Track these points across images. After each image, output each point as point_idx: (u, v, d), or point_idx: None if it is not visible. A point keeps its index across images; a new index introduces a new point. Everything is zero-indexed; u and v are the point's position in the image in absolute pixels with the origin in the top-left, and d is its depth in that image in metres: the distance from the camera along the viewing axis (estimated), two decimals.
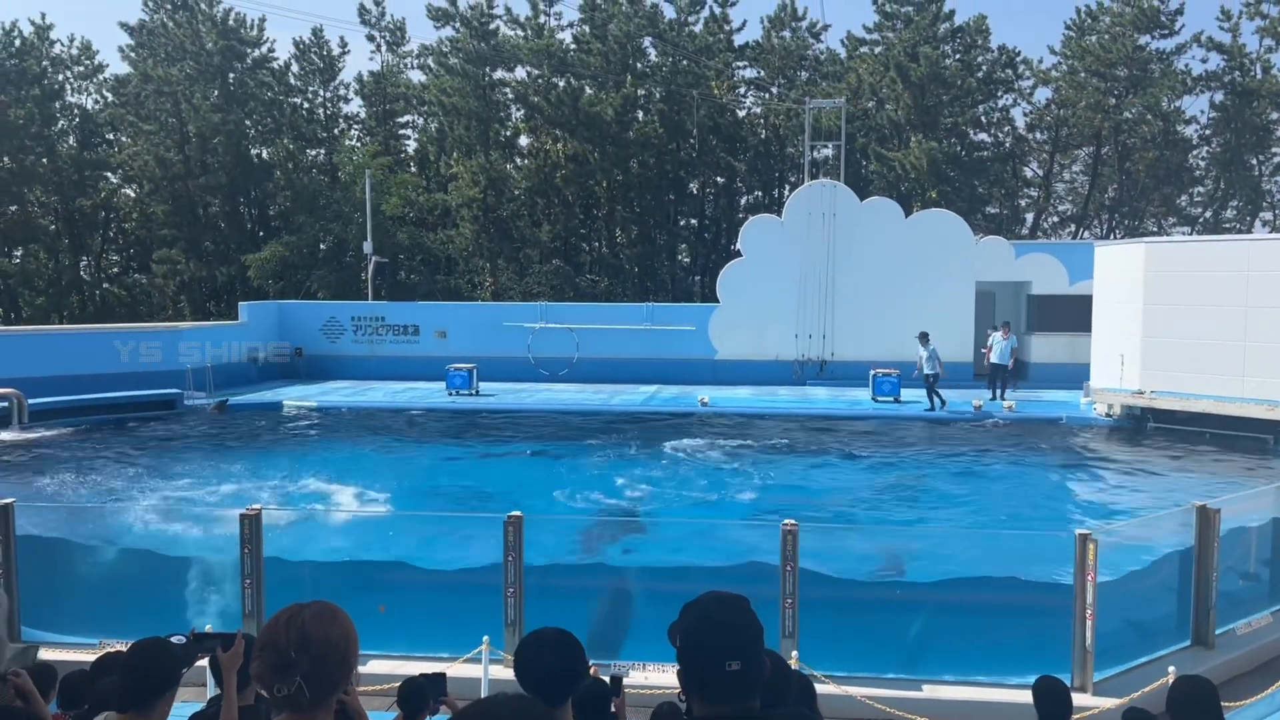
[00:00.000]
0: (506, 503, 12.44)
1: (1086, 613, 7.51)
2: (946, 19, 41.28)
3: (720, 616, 2.28)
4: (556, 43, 41.11)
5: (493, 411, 21.97)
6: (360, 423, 20.96)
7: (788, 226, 27.05)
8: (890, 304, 26.11)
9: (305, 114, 44.86)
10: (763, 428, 19.89)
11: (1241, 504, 9.96)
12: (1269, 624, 8.97)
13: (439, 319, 28.11)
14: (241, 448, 17.87)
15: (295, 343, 27.82)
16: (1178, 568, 8.60)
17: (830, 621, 7.96)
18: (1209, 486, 14.01)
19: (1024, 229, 43.68)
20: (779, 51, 42.82)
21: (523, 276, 39.89)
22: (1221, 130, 40.78)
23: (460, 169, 40.51)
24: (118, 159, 43.02)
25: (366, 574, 8.95)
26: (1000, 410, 21.06)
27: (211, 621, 7.77)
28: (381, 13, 45.35)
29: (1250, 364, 17.47)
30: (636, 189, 41.20)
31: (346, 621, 2.41)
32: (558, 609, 8.02)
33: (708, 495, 14.02)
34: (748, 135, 42.78)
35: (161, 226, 41.99)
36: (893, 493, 14.38)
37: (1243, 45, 40.33)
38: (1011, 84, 42.55)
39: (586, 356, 26.88)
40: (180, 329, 25.72)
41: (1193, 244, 22.28)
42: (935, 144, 38.03)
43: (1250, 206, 41.99)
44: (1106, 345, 20.34)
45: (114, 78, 43.77)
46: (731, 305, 26.92)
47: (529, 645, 2.77)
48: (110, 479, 14.86)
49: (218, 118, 40.08)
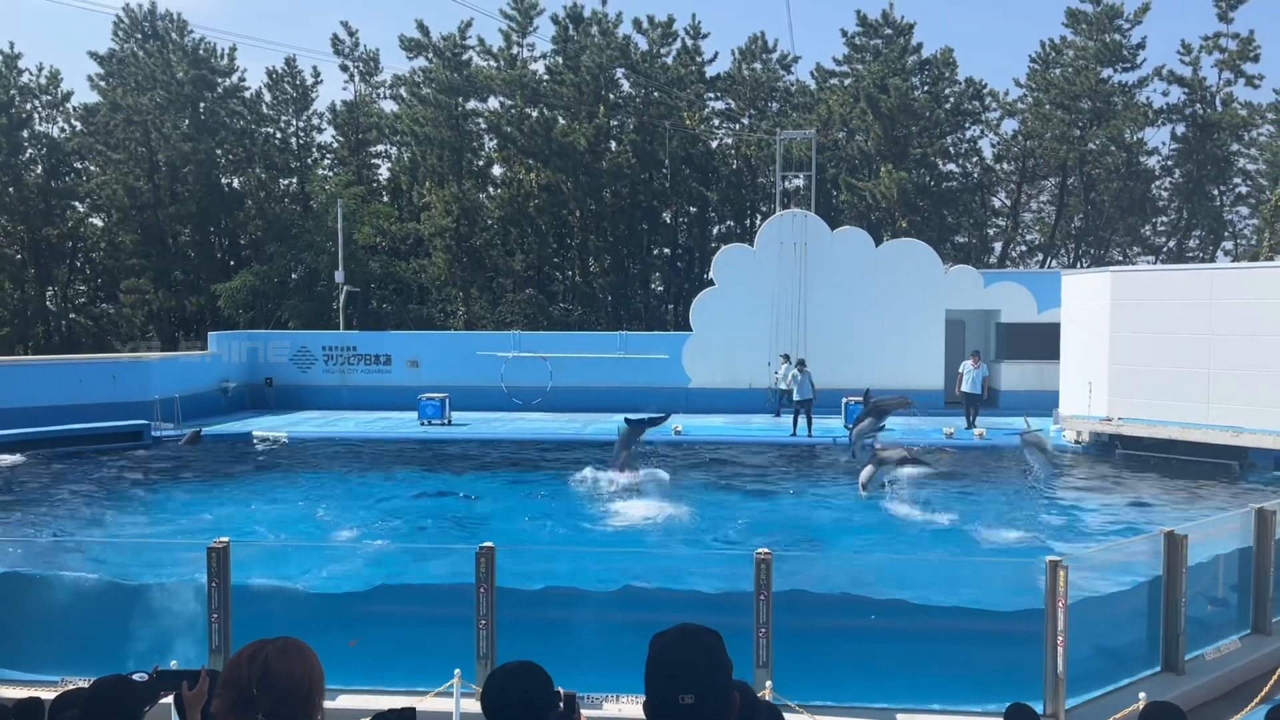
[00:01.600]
0: (480, 533, 12.35)
1: (1058, 639, 7.52)
2: (915, 51, 41.95)
3: (678, 649, 2.27)
4: (529, 73, 41.36)
5: (465, 441, 21.85)
6: (331, 453, 20.77)
7: (760, 256, 27.22)
8: (861, 333, 26.29)
9: (277, 143, 44.73)
10: (735, 456, 19.89)
11: (1209, 530, 10.06)
12: (1237, 649, 9.03)
13: (411, 348, 27.99)
14: (210, 479, 17.65)
15: (266, 373, 27.60)
16: (1147, 594, 8.65)
17: (805, 650, 7.94)
18: (1177, 513, 14.14)
19: (992, 258, 44.23)
20: (750, 83, 43.30)
21: (496, 305, 39.85)
22: (1183, 161, 41.59)
23: (433, 198, 40.52)
24: (85, 188, 42.67)
25: (337, 607, 8.83)
26: (972, 438, 21.21)
27: (177, 658, 7.63)
28: (355, 43, 45.51)
29: (1214, 391, 17.71)
30: (610, 218, 41.37)
31: (311, 657, 2.38)
32: (531, 641, 7.95)
33: (685, 524, 13.97)
34: (720, 165, 43.14)
35: (130, 256, 41.65)
36: (863, 519, 14.40)
37: (1203, 78, 41.25)
38: (979, 115, 43.24)
39: (560, 385, 26.83)
40: (148, 359, 25.44)
41: (1157, 273, 22.63)
42: (905, 174, 38.49)
43: (1213, 236, 42.76)
44: (1074, 373, 20.56)
45: (83, 106, 43.51)
46: (705, 334, 27.01)
47: (497, 678, 2.74)
48: (73, 512, 14.62)
49: (188, 147, 39.90)
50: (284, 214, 41.62)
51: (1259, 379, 17.13)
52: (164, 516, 14.39)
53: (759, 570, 7.66)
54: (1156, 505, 15.24)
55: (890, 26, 42.46)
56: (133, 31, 42.90)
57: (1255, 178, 43.32)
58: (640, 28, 42.90)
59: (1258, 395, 17.08)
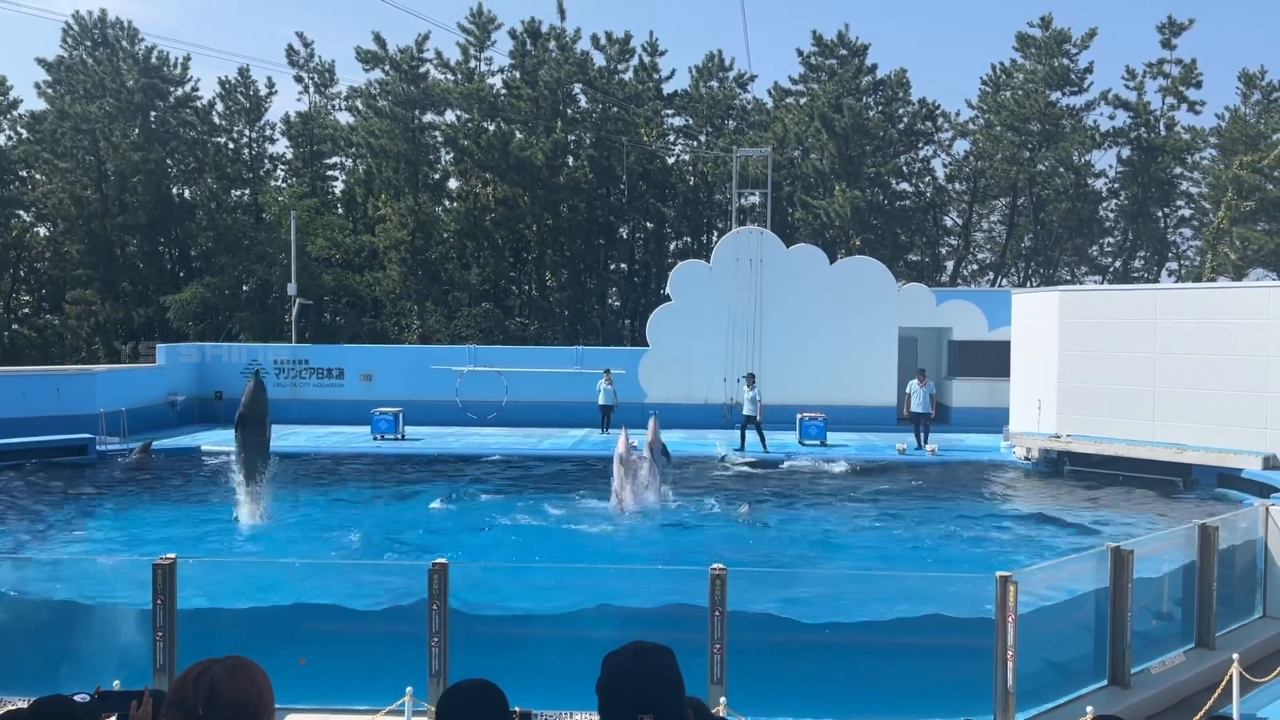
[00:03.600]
0: (432, 549, 12.22)
1: (1008, 654, 7.61)
2: (869, 72, 42.55)
3: (634, 668, 2.27)
4: (487, 87, 41.31)
5: (418, 456, 21.64)
6: (281, 468, 20.45)
7: (716, 272, 27.37)
8: (816, 349, 26.51)
9: (230, 154, 44.17)
10: (693, 472, 19.92)
11: (1154, 545, 10.25)
12: (1182, 662, 9.20)
13: (364, 362, 27.71)
14: (155, 494, 17.30)
15: (215, 386, 27.16)
16: (1094, 608, 8.78)
17: (760, 665, 7.95)
18: (1122, 528, 14.39)
19: (944, 276, 44.88)
20: (707, 100, 43.61)
21: (451, 319, 39.62)
22: (1129, 184, 42.57)
23: (388, 211, 40.25)
24: (31, 197, 41.83)
25: (287, 624, 8.69)
26: (925, 455, 21.45)
27: (120, 678, 7.46)
28: (310, 54, 45.17)
29: (1159, 409, 18.08)
30: (566, 233, 41.37)
31: (260, 676, 2.34)
32: (484, 658, 7.88)
33: (642, 541, 13.95)
34: (676, 182, 43.36)
35: (76, 266, 40.85)
36: (822, 536, 14.48)
37: (1147, 103, 42.29)
38: (931, 136, 43.93)
39: (516, 400, 26.72)
40: (94, 371, 24.92)
41: (1104, 293, 23.09)
42: (859, 193, 38.97)
43: (1157, 257, 43.76)
44: (1024, 390, 20.88)
45: (29, 114, 42.66)
46: (661, 349, 27.06)
47: (451, 696, 2.71)
48: (12, 527, 14.24)
49: (138, 156, 39.28)
50: (236, 225, 41.08)
51: (1202, 397, 17.51)
52: (107, 530, 14.07)
53: (714, 586, 7.66)
54: (1101, 520, 15.49)
55: (845, 47, 43.05)
56: (82, 39, 42.20)
57: (1198, 200, 44.45)
58: (598, 44, 43.12)
59: (1201, 413, 17.46)
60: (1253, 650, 9.53)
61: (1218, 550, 9.61)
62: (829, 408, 24.43)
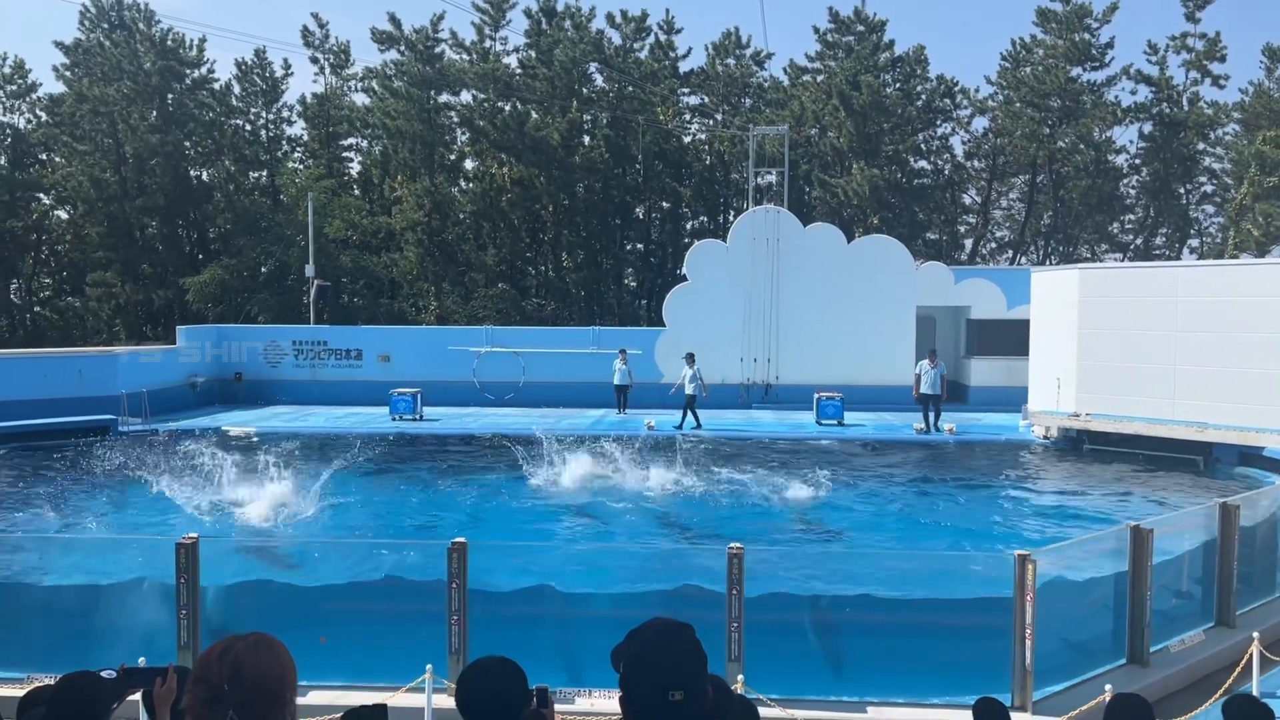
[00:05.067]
0: (451, 529, 12.30)
1: (1026, 632, 7.61)
2: (887, 49, 42.17)
3: (663, 645, 2.27)
4: (502, 67, 41.19)
5: (438, 435, 21.73)
6: (301, 448, 20.57)
7: (732, 252, 27.28)
8: (833, 328, 26.42)
9: (247, 136, 44.24)
10: (710, 451, 19.92)
11: (1174, 524, 10.21)
12: (1202, 641, 9.17)
13: (382, 343, 27.82)
14: (176, 474, 17.44)
15: (235, 368, 27.34)
16: (1113, 587, 8.76)
17: (777, 644, 7.98)
18: (1142, 507, 14.33)
19: (963, 255, 44.57)
20: (723, 79, 43.35)
21: (468, 300, 39.68)
22: (1150, 160, 42.10)
23: (404, 192, 40.27)
24: (51, 180, 42.05)
25: (309, 603, 8.77)
26: (942, 435, 21.39)
27: (145, 654, 7.56)
28: (325, 35, 45.12)
29: (1180, 387, 17.95)
30: (583, 213, 41.30)
31: (283, 653, 2.36)
32: (503, 635, 7.93)
33: (658, 518, 13.99)
34: (693, 161, 43.17)
35: (96, 249, 41.11)
36: (839, 514, 14.48)
37: (1170, 78, 41.76)
38: (950, 113, 43.55)
39: (532, 380, 26.77)
40: (115, 353, 25.12)
41: (1124, 270, 22.89)
42: (876, 171, 38.70)
43: (1178, 234, 43.32)
44: (1043, 369, 20.77)
45: (48, 97, 42.83)
46: (677, 329, 27.02)
47: (470, 674, 2.73)
48: (38, 507, 14.41)
49: (155, 139, 39.41)
50: (253, 207, 41.21)
51: (1223, 375, 17.38)
52: (130, 509, 14.22)
53: (731, 564, 7.68)
54: (1121, 499, 15.43)
55: (863, 24, 42.66)
56: (99, 21, 42.28)
57: (1220, 176, 43.93)
58: (614, 22, 42.88)
59: (1222, 391, 17.33)
60: (1273, 629, 9.48)
61: (1239, 528, 9.56)
62: (846, 387, 24.34)
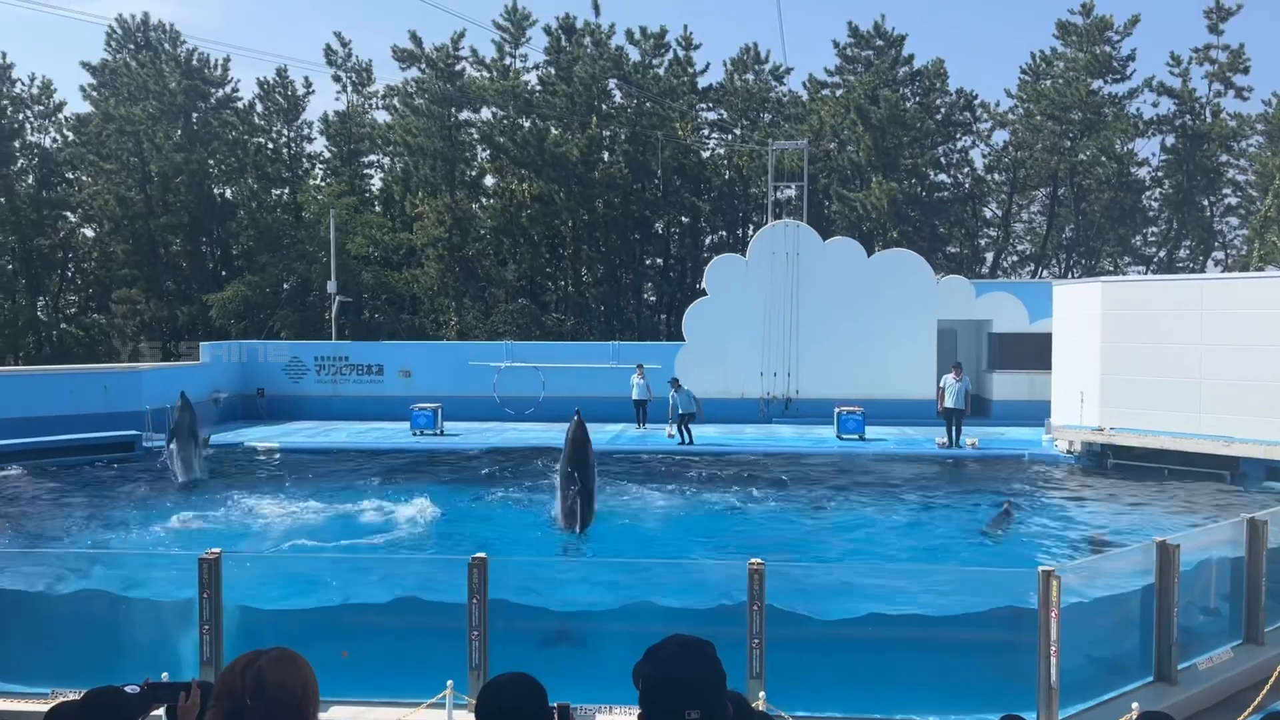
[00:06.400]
0: (472, 543, 12.31)
1: (1051, 649, 7.52)
2: (905, 63, 42.15)
3: (682, 663, 2.26)
4: (522, 84, 41.44)
5: (458, 451, 21.79)
6: (323, 463, 20.69)
7: (752, 266, 27.26)
8: (853, 342, 26.33)
9: (269, 153, 44.72)
10: (732, 465, 19.89)
11: (1201, 539, 10.08)
12: (1230, 659, 9.04)
13: (403, 358, 27.95)
14: (200, 488, 17.57)
15: (258, 383, 27.52)
16: (1139, 603, 8.65)
17: (800, 660, 7.92)
18: (1168, 522, 14.17)
19: (984, 268, 44.38)
20: (742, 94, 43.44)
21: (488, 315, 39.83)
22: (1173, 172, 41.81)
23: (425, 208, 40.53)
24: (77, 198, 42.62)
25: (330, 618, 8.79)
26: (967, 450, 21.26)
27: (168, 669, 7.59)
28: (348, 54, 45.53)
29: (1205, 401, 17.77)
30: (602, 228, 41.42)
31: (305, 668, 2.37)
32: (523, 651, 7.92)
33: (679, 534, 13.96)
34: (712, 176, 43.24)
35: (121, 266, 41.58)
36: (862, 530, 14.40)
37: (1192, 90, 41.49)
38: (970, 126, 43.43)
39: (552, 395, 26.80)
40: (140, 369, 25.35)
41: (1148, 283, 22.71)
42: (896, 185, 38.63)
43: (1202, 246, 42.97)
44: (1066, 382, 20.61)
45: (75, 117, 43.49)
46: (697, 343, 27.01)
47: (490, 690, 2.73)
48: (62, 522, 14.54)
49: (180, 157, 39.88)
50: (276, 224, 41.60)
51: (1250, 389, 17.19)
52: (155, 524, 14.31)
53: (752, 580, 7.65)
54: (1146, 514, 15.27)
55: (881, 38, 42.67)
56: (125, 42, 42.90)
57: (1245, 188, 43.56)
58: (633, 38, 43.08)
59: (1249, 405, 17.14)
60: None
61: (1267, 545, 9.43)
62: (868, 401, 24.25)
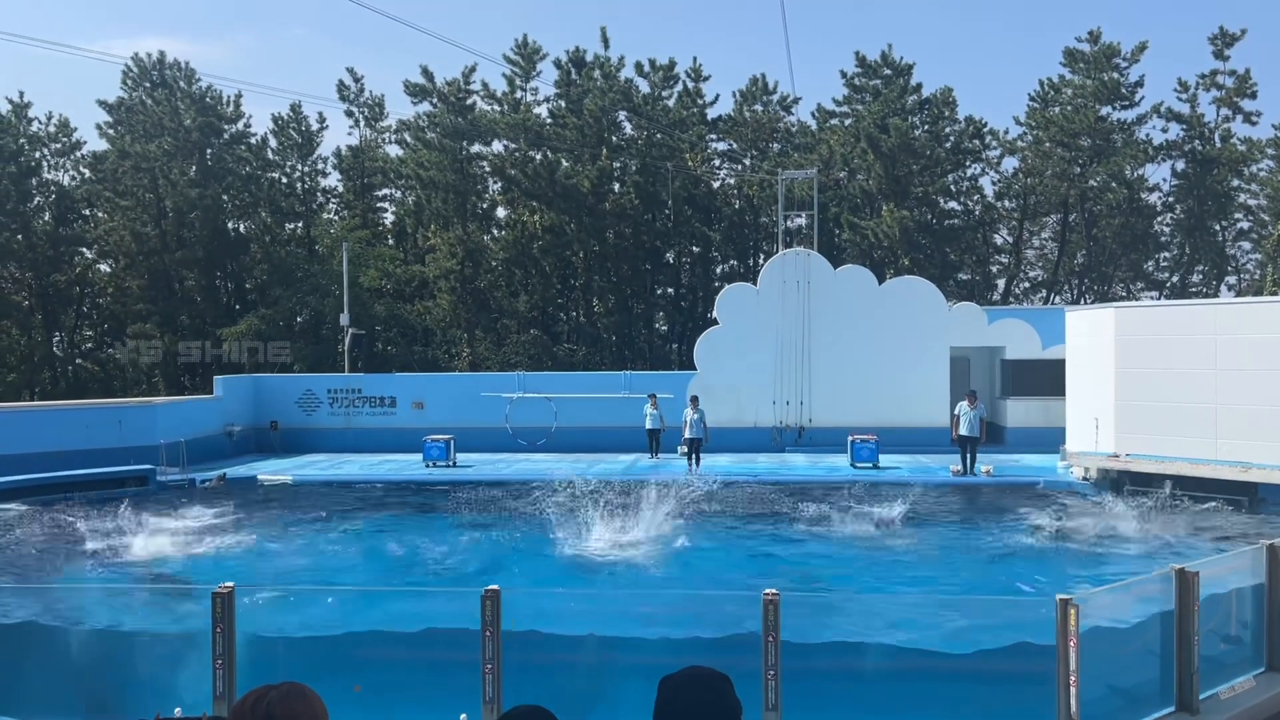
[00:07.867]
0: (485, 576, 12.27)
1: (1070, 679, 7.44)
2: (914, 91, 42.34)
3: (691, 696, 2.25)
4: (533, 117, 41.79)
5: (471, 483, 21.75)
6: (337, 496, 20.71)
7: (763, 295, 27.30)
8: (866, 370, 26.29)
9: (283, 188, 45.12)
10: (743, 494, 19.80)
11: (1221, 566, 9.96)
12: (1252, 687, 8.91)
13: (416, 390, 28.02)
14: (212, 522, 17.59)
15: (271, 416, 27.61)
16: (1159, 632, 8.55)
17: (817, 690, 7.85)
18: (1187, 549, 14.04)
19: (996, 295, 44.31)
20: (751, 124, 43.69)
21: (500, 346, 39.95)
22: (1184, 197, 41.78)
23: (438, 241, 40.79)
24: (93, 234, 43.04)
25: (343, 651, 8.76)
26: (980, 477, 21.13)
27: (181, 705, 7.56)
28: (360, 89, 46.04)
29: (1222, 426, 17.64)
30: (613, 259, 41.58)
31: (316, 702, 2.36)
32: (538, 683, 7.87)
33: (693, 564, 13.89)
34: (722, 205, 43.41)
35: (136, 301, 41.87)
36: (882, 557, 14.30)
37: (1201, 115, 41.56)
38: (979, 154, 43.53)
39: (565, 426, 26.80)
40: (154, 404, 25.48)
41: (1161, 308, 22.64)
42: (906, 213, 38.69)
43: (1215, 271, 42.84)
44: (1081, 409, 20.50)
45: (91, 154, 44.00)
46: (709, 373, 27.01)
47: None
48: (77, 558, 14.56)
49: (195, 193, 40.27)
50: (289, 258, 41.89)
51: (1267, 414, 17.07)
52: (169, 558, 14.32)
53: (767, 611, 7.59)
54: (1164, 541, 15.12)
55: (889, 67, 42.90)
56: (141, 80, 43.46)
57: (1257, 213, 43.49)
58: (642, 71, 43.42)
59: (1266, 430, 17.01)
60: None
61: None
62: (881, 430, 24.19)
